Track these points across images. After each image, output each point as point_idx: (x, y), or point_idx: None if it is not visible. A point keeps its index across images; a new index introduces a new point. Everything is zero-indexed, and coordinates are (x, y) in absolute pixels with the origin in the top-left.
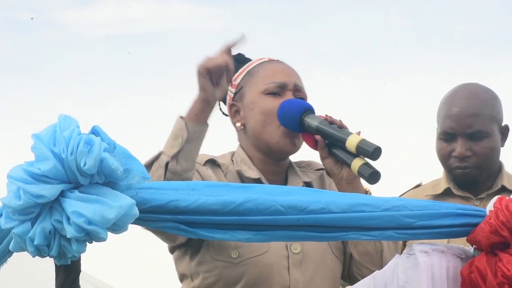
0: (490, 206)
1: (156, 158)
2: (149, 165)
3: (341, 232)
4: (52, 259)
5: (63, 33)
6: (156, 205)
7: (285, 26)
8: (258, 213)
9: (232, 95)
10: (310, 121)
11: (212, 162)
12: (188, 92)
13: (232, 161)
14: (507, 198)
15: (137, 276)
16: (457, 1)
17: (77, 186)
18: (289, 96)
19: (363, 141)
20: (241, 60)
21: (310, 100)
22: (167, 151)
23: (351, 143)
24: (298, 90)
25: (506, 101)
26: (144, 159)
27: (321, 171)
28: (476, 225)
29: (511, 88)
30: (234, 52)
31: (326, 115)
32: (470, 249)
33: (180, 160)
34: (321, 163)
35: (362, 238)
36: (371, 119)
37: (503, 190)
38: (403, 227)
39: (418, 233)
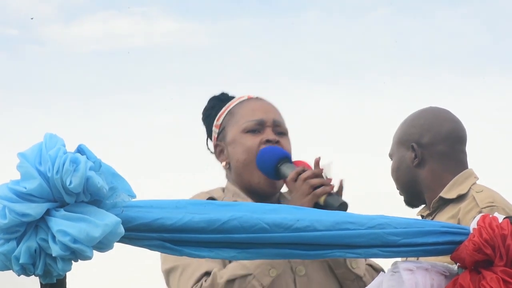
0: (473, 224)
1: (244, 276)
2: (232, 279)
3: (326, 250)
4: (37, 278)
5: (49, 48)
6: (142, 223)
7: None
8: (243, 231)
9: (216, 135)
10: (285, 170)
11: (212, 200)
12: (176, 107)
13: (223, 192)
14: (490, 216)
15: None
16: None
17: (62, 204)
18: (268, 132)
19: (329, 196)
20: (224, 99)
21: (295, 116)
22: (260, 278)
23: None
24: (277, 125)
25: (485, 120)
26: (130, 177)
27: None
28: (460, 243)
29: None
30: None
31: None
32: (454, 267)
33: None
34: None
35: (347, 255)
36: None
37: (443, 201)
38: (387, 245)
39: (403, 250)
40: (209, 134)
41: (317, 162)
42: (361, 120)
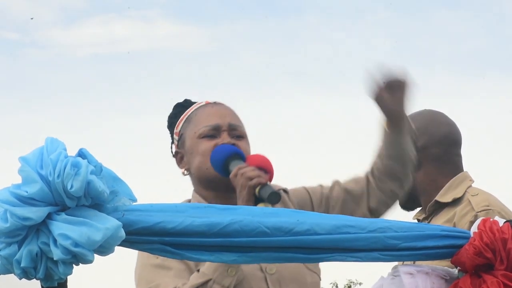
0: (474, 228)
1: (204, 284)
2: None
3: (326, 254)
4: (38, 281)
5: (49, 52)
6: (143, 227)
7: (269, 46)
8: (243, 235)
9: (176, 142)
10: (232, 167)
11: None
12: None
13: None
14: (491, 219)
15: None
16: (439, 22)
17: (64, 208)
18: (225, 136)
19: (262, 187)
20: (187, 105)
21: (293, 119)
22: (221, 281)
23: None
24: (233, 129)
25: (483, 121)
26: (131, 181)
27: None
28: (460, 246)
29: (488, 109)
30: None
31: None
32: (455, 270)
33: None
34: (277, 184)
35: (348, 259)
36: (352, 137)
37: (439, 204)
38: (388, 249)
39: (403, 254)
40: (173, 140)
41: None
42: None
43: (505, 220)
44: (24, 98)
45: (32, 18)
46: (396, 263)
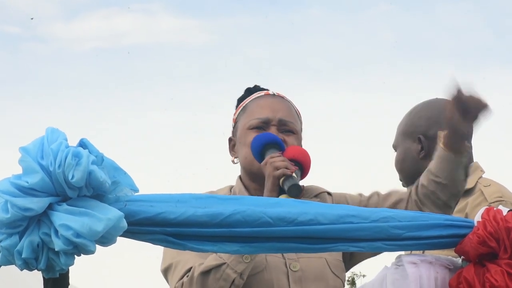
0: (478, 217)
1: (217, 266)
2: (207, 271)
3: (330, 244)
4: (40, 272)
5: (50, 46)
6: (145, 217)
7: (271, 39)
8: (246, 225)
9: (232, 129)
10: (266, 156)
11: None
12: (175, 104)
13: (231, 192)
14: (494, 208)
15: None
16: (441, 15)
17: (65, 199)
18: (273, 130)
19: (286, 179)
20: (255, 91)
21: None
22: (234, 266)
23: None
24: (283, 125)
25: None
26: (132, 172)
27: (320, 195)
28: (464, 236)
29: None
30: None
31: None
32: (458, 260)
33: (243, 276)
34: (321, 187)
35: (351, 249)
36: (355, 130)
37: None
38: (391, 239)
39: (407, 244)
40: None
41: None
42: (363, 116)
43: (508, 209)
44: (25, 92)
45: (32, 18)
46: (399, 253)
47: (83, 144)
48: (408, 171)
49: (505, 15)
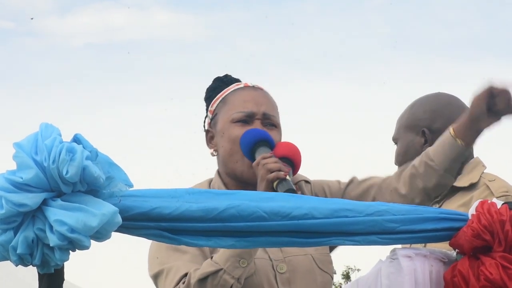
0: (472, 210)
1: (214, 273)
2: (204, 278)
3: (324, 238)
4: (35, 268)
5: (44, 41)
6: (139, 212)
7: (266, 33)
8: (241, 220)
9: (209, 121)
10: (258, 154)
11: None
12: (169, 99)
13: (210, 187)
14: (489, 201)
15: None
16: (436, 8)
17: (59, 194)
18: (257, 124)
19: (280, 182)
20: (227, 81)
21: (290, 105)
22: (231, 271)
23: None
24: (267, 118)
25: None
26: (127, 168)
27: (298, 183)
28: (458, 229)
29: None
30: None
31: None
32: (453, 253)
33: (241, 280)
34: (301, 175)
35: (346, 243)
36: (349, 123)
37: (453, 188)
38: (386, 232)
39: (401, 237)
40: (206, 116)
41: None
42: (357, 108)
43: (502, 202)
44: (19, 87)
45: (32, 18)
46: (394, 246)
47: (77, 139)
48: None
49: (500, 8)
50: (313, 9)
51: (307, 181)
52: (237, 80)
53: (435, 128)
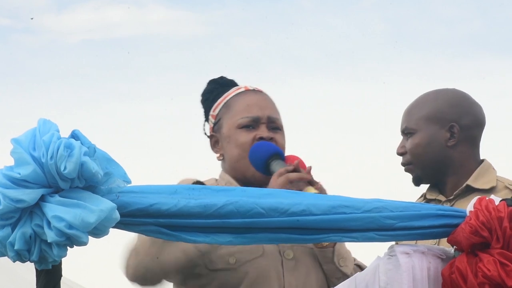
0: (470, 206)
1: None
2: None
3: (322, 234)
4: (32, 264)
5: (41, 37)
6: (137, 208)
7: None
8: (239, 216)
9: (212, 125)
10: (274, 167)
11: (198, 184)
12: (167, 96)
13: (216, 182)
14: (486, 198)
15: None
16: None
17: (57, 190)
18: (262, 128)
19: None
20: (223, 83)
21: (287, 105)
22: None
23: None
24: (272, 122)
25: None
26: (124, 163)
27: None
28: (456, 225)
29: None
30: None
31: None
32: (451, 249)
33: None
34: None
35: (343, 239)
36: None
37: (469, 189)
38: (383, 229)
39: (399, 234)
40: (207, 118)
41: (308, 171)
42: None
43: (500, 199)
44: (16, 84)
45: (32, 18)
46: (392, 243)
47: (75, 135)
48: (431, 157)
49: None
50: (311, 7)
51: None
52: (232, 81)
53: (463, 125)
